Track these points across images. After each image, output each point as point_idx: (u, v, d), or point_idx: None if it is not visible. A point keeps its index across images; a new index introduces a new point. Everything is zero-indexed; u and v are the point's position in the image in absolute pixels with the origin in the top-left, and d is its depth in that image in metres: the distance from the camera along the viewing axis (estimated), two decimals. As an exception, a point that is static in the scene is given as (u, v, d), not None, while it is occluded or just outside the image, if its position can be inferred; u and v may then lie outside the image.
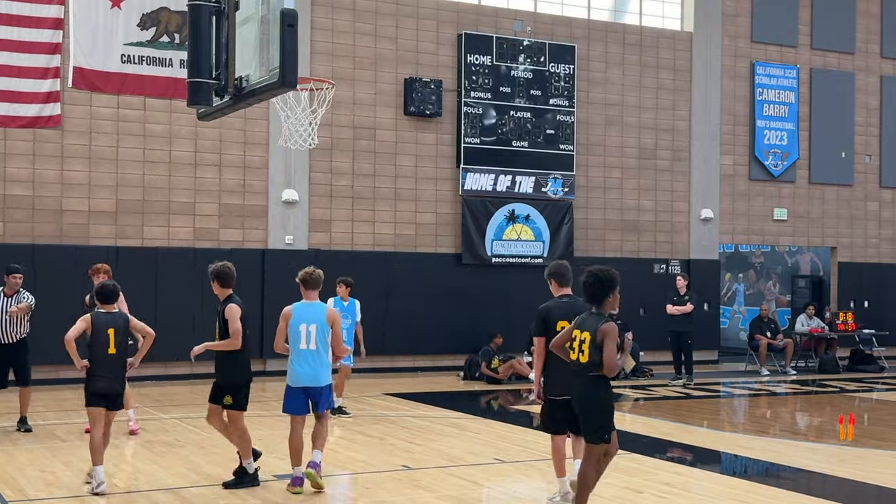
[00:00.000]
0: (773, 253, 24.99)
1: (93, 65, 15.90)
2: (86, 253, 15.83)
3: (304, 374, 8.35)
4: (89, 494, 8.06)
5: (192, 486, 8.49)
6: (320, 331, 8.37)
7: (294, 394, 8.41)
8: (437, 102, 18.37)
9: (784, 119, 21.84)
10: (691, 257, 20.81)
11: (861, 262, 22.77)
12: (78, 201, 16.13)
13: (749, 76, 21.57)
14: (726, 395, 16.98)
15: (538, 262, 18.90)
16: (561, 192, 19.40)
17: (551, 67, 19.33)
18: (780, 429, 13.40)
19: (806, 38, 22.17)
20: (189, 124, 16.59)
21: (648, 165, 20.55)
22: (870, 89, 22.86)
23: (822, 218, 22.44)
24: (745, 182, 21.58)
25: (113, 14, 16.05)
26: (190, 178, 16.86)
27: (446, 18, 18.78)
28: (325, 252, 17.63)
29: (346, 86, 17.68)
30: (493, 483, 8.99)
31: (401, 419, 12.70)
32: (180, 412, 13.06)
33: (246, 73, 6.84)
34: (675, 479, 9.04)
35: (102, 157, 16.29)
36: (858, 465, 10.00)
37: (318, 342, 8.37)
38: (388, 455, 9.94)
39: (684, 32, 21.02)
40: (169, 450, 10.20)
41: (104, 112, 16.29)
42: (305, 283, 8.56)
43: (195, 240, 16.85)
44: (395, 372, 17.80)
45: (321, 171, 17.77)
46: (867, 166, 22.88)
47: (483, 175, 18.76)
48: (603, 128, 20.10)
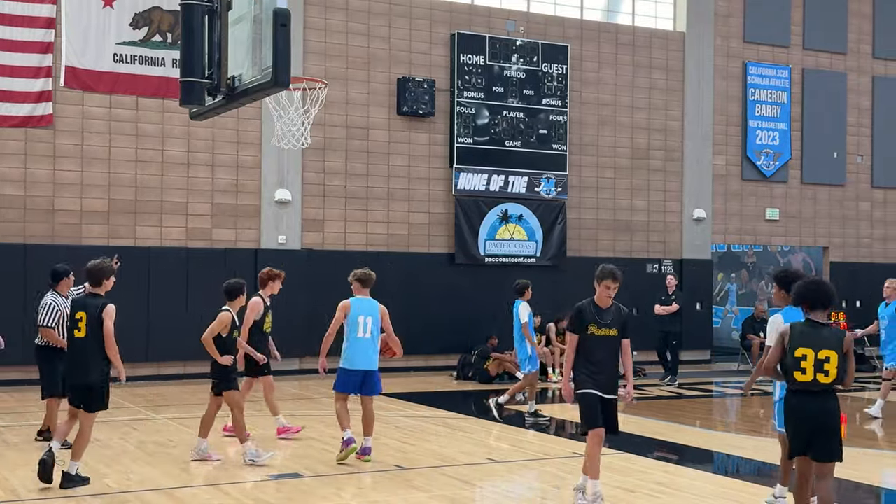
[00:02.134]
0: (765, 253, 25.05)
1: (85, 64, 15.87)
2: (78, 253, 15.78)
3: (361, 358, 9.58)
4: (82, 494, 8.04)
5: (184, 487, 8.47)
6: (375, 323, 9.68)
7: (349, 375, 9.57)
8: (430, 102, 18.37)
9: (776, 119, 21.90)
10: (684, 257, 20.85)
11: (853, 261, 22.84)
12: (70, 201, 16.09)
13: (741, 76, 21.61)
14: (718, 394, 17.01)
15: (531, 261, 18.91)
16: (554, 191, 19.42)
17: (544, 67, 19.34)
18: (772, 428, 13.41)
19: (798, 39, 22.23)
20: (181, 124, 16.56)
21: (641, 165, 20.58)
22: (861, 89, 22.93)
23: (814, 218, 22.50)
24: (737, 182, 21.62)
25: (105, 13, 16.02)
26: (182, 178, 16.84)
27: (439, 18, 18.78)
28: (318, 252, 17.62)
29: (339, 85, 17.67)
30: (486, 483, 8.99)
31: (394, 419, 12.70)
32: (173, 412, 13.04)
33: (238, 73, 6.82)
34: (667, 479, 9.05)
35: (95, 157, 16.26)
36: (850, 465, 10.00)
37: (373, 333, 9.66)
38: (381, 455, 9.94)
39: (677, 33, 21.05)
40: (161, 450, 10.18)
41: (96, 111, 16.25)
42: (362, 282, 9.82)
43: (188, 239, 16.82)
44: (388, 372, 17.71)
45: (314, 171, 17.75)
46: (859, 166, 22.94)
47: (476, 175, 18.77)
48: (596, 128, 20.12)
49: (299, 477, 8.91)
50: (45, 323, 10.11)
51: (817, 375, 6.50)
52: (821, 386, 6.52)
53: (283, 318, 17.08)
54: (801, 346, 6.52)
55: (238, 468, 9.28)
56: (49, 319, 10.10)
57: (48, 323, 10.10)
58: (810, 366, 6.50)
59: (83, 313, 8.34)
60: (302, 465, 9.44)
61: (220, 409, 9.79)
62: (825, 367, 6.49)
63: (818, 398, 6.56)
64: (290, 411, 13.13)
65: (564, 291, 17.42)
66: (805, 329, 6.61)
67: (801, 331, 6.60)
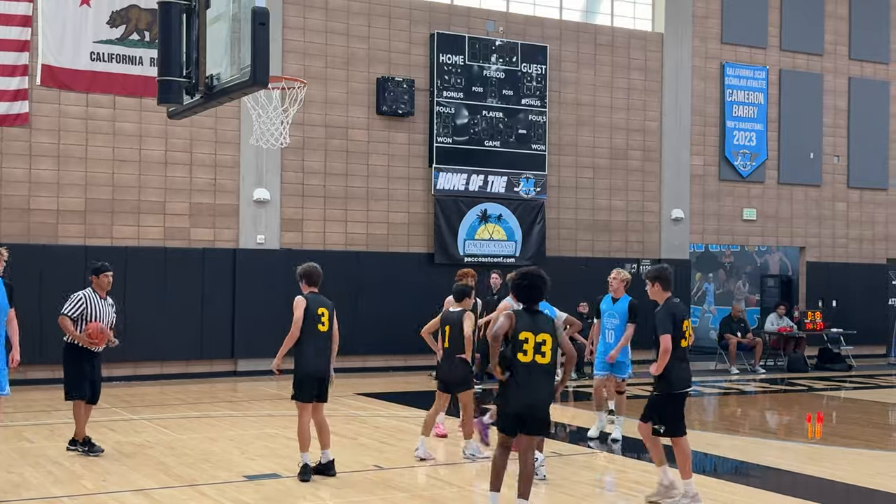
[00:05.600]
0: (742, 253, 25.19)
1: (62, 62, 15.75)
2: (54, 252, 15.69)
3: None
4: (58, 496, 7.99)
5: (161, 487, 8.43)
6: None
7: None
8: (410, 102, 18.36)
9: (753, 120, 22.03)
10: (662, 257, 20.93)
11: (829, 261, 23.02)
12: (46, 200, 15.97)
13: (719, 77, 21.73)
14: (696, 393, 17.08)
15: (510, 261, 18.92)
16: (533, 191, 19.45)
17: (523, 67, 19.37)
18: (749, 427, 13.51)
19: (775, 40, 22.38)
20: (159, 123, 16.47)
21: (620, 166, 20.65)
22: (838, 90, 23.11)
23: (791, 218, 22.66)
24: (715, 182, 21.74)
25: (82, 11, 15.90)
26: (160, 177, 16.75)
27: (419, 18, 18.78)
28: (297, 251, 17.56)
29: (318, 85, 17.63)
30: (466, 482, 8.99)
31: (373, 419, 12.69)
32: (150, 413, 12.97)
33: (217, 72, 6.79)
34: (644, 478, 9.09)
35: (71, 156, 16.14)
36: (826, 463, 10.11)
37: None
38: (360, 455, 9.93)
39: (655, 33, 21.14)
40: (139, 450, 10.12)
41: (73, 110, 16.14)
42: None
43: (165, 239, 16.73)
44: (367, 372, 17.77)
45: (293, 171, 17.70)
46: (835, 167, 23.12)
47: (455, 175, 18.78)
48: (575, 128, 20.17)
49: (277, 477, 8.89)
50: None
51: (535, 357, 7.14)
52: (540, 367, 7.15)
53: (262, 318, 17.06)
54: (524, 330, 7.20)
55: (215, 469, 9.24)
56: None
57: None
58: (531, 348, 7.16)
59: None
60: (280, 465, 9.41)
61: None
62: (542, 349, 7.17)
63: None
64: (270, 412, 13.10)
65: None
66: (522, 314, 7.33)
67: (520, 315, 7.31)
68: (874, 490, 8.91)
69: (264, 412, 13.06)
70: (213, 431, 11.36)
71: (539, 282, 7.43)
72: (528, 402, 7.14)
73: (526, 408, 7.14)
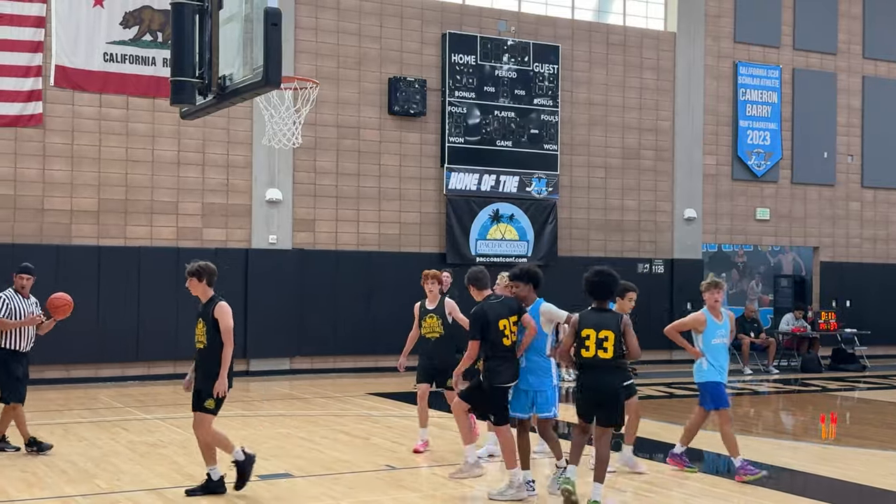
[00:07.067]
0: (755, 252, 25.10)
1: (75, 63, 15.83)
2: (67, 252, 15.76)
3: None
4: (72, 495, 8.02)
5: (175, 487, 8.45)
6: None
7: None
8: (422, 102, 18.37)
9: (767, 119, 21.95)
10: (674, 257, 20.88)
11: (843, 261, 22.91)
12: (60, 200, 16.04)
13: (732, 76, 21.66)
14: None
15: (522, 261, 18.88)
16: (545, 191, 19.43)
17: (535, 67, 19.35)
18: (762, 427, 13.46)
19: (788, 39, 22.29)
20: (172, 123, 16.52)
21: (632, 165, 20.61)
22: (852, 90, 23.00)
23: (805, 218, 22.56)
24: (727, 182, 21.67)
25: (95, 12, 15.98)
26: (173, 178, 16.80)
27: (430, 18, 18.78)
28: (309, 252, 17.60)
29: (330, 85, 17.65)
30: (477, 482, 8.98)
31: (385, 419, 12.70)
32: (163, 412, 13.01)
33: (229, 72, 6.81)
34: (657, 478, 9.06)
35: (84, 156, 16.21)
36: (839, 464, 10.06)
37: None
38: (372, 455, 9.93)
39: (668, 33, 21.08)
40: (152, 450, 10.15)
41: (86, 111, 16.20)
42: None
43: (178, 239, 16.78)
44: (380, 371, 17.77)
45: (305, 171, 17.73)
46: (849, 166, 23.02)
47: (467, 174, 18.77)
48: (587, 127, 20.14)
49: (289, 477, 8.90)
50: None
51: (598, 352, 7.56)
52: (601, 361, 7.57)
53: (273, 318, 17.10)
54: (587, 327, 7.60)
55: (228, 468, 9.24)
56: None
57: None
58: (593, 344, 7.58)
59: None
60: (292, 465, 9.42)
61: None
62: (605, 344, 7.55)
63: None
64: (282, 411, 13.12)
65: (555, 291, 17.40)
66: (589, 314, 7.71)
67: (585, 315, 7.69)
68: (888, 491, 8.86)
69: (276, 412, 13.08)
70: (225, 431, 11.37)
71: (610, 280, 7.74)
72: (592, 397, 7.65)
73: (592, 401, 7.68)
